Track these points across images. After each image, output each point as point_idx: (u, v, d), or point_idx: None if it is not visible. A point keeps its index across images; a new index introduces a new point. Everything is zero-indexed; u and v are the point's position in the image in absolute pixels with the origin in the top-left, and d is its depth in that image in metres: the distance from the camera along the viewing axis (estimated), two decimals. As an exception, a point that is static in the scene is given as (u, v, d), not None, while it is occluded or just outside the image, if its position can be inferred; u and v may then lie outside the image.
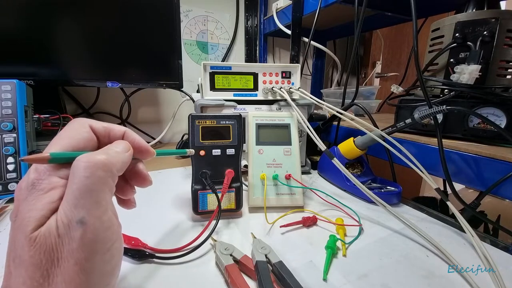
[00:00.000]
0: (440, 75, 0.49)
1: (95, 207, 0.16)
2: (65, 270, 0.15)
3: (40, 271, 0.15)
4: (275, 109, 0.56)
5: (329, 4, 0.64)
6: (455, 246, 0.34)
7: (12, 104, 0.42)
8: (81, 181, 0.16)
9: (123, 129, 0.22)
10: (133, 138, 0.22)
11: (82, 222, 0.16)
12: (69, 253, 0.15)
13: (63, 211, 0.16)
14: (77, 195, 0.16)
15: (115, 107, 0.81)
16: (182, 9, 0.85)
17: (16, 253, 0.15)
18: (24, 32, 0.55)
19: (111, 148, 0.19)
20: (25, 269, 0.15)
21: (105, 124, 0.21)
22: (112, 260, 0.18)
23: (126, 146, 0.20)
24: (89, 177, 0.16)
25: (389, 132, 0.44)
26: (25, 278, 0.15)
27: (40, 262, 0.15)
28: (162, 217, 0.40)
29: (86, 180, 0.16)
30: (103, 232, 0.17)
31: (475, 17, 0.44)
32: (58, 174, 0.17)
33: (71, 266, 0.15)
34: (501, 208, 0.83)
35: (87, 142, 0.20)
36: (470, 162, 0.41)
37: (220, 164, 0.39)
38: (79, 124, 0.20)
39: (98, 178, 0.16)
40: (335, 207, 0.43)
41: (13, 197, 0.43)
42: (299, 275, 0.28)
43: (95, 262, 0.16)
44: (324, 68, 1.11)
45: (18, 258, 0.15)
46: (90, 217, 0.16)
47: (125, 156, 0.20)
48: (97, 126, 0.21)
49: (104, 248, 0.17)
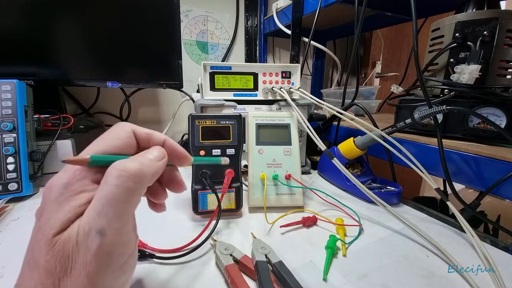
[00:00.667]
0: (440, 75, 0.49)
1: (117, 219, 0.16)
2: (75, 281, 0.15)
3: (52, 278, 0.15)
4: (275, 109, 0.56)
5: (329, 4, 0.64)
6: (455, 246, 0.34)
7: (12, 104, 0.42)
8: (110, 189, 0.16)
9: (163, 136, 0.21)
10: (172, 145, 0.22)
11: (101, 233, 0.15)
12: (82, 264, 0.15)
13: (87, 217, 0.15)
14: (103, 203, 0.15)
15: (115, 107, 0.81)
16: (182, 9, 0.85)
17: (33, 254, 0.15)
18: (24, 32, 0.55)
19: (146, 156, 0.19)
20: (38, 273, 0.15)
21: (147, 130, 0.21)
22: (123, 276, 0.17)
23: (161, 153, 0.20)
24: (118, 186, 0.16)
25: (389, 132, 0.44)
26: (37, 282, 0.15)
27: (54, 269, 0.15)
28: (162, 217, 0.40)
29: (114, 189, 0.16)
30: (119, 246, 0.16)
31: (475, 17, 0.44)
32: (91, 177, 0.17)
33: (81, 278, 0.15)
34: (501, 208, 0.83)
35: (127, 146, 0.19)
36: (470, 162, 0.41)
37: (220, 164, 0.39)
38: (121, 128, 0.20)
39: (126, 189, 0.16)
40: (335, 207, 0.43)
41: (13, 197, 0.43)
42: (299, 275, 0.28)
43: (106, 277, 0.16)
44: (324, 68, 1.11)
45: (33, 261, 0.15)
46: (109, 228, 0.15)
47: (159, 165, 0.19)
48: (139, 132, 0.20)
49: (117, 264, 0.16)
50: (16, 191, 0.43)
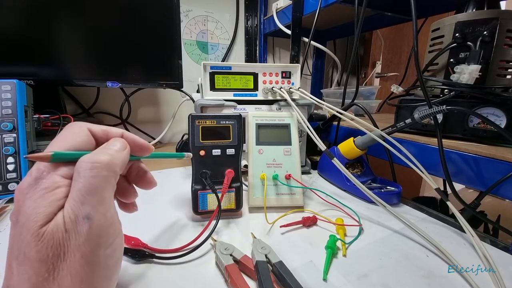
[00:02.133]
0: (440, 75, 0.49)
1: (100, 204, 0.17)
2: (71, 263, 0.16)
3: (46, 265, 0.16)
4: (275, 109, 0.56)
5: (329, 4, 0.64)
6: (455, 246, 0.34)
7: (12, 104, 0.42)
8: (87, 180, 0.17)
9: (120, 131, 0.22)
10: (131, 136, 0.23)
11: (88, 218, 0.17)
12: (75, 247, 0.16)
13: (70, 207, 0.17)
14: (84, 193, 0.17)
15: (115, 107, 0.81)
16: (182, 9, 0.85)
17: (20, 250, 0.16)
18: (24, 32, 0.55)
19: (111, 148, 0.20)
20: (30, 265, 0.16)
21: (103, 127, 0.22)
22: (114, 254, 0.19)
23: (123, 144, 0.21)
24: (94, 177, 0.17)
25: (389, 132, 0.44)
26: (30, 274, 0.15)
27: (46, 257, 0.16)
28: (162, 217, 0.40)
29: (92, 179, 0.17)
30: (107, 228, 0.18)
31: (475, 17, 0.44)
32: (59, 173, 0.18)
33: (77, 259, 0.16)
34: (501, 208, 0.83)
35: (86, 144, 0.20)
36: (470, 162, 0.41)
37: (220, 164, 0.39)
38: (78, 127, 0.20)
39: (102, 178, 0.18)
40: (335, 207, 0.43)
41: (13, 197, 0.43)
42: (299, 275, 0.28)
43: (99, 255, 0.17)
44: (324, 68, 1.11)
45: (22, 255, 0.16)
46: (96, 213, 0.17)
47: (124, 154, 0.20)
48: (96, 129, 0.21)
49: (108, 243, 0.18)
50: (16, 191, 0.43)
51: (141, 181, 0.24)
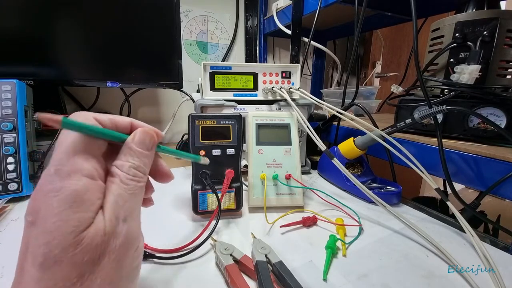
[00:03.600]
0: (440, 75, 0.49)
1: (134, 209, 0.19)
2: (103, 266, 0.16)
3: (78, 270, 0.15)
4: (275, 109, 0.56)
5: (329, 4, 0.64)
6: (455, 246, 0.34)
7: (12, 104, 0.42)
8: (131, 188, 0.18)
9: (128, 119, 0.21)
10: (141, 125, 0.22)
11: (125, 221, 0.18)
12: (112, 249, 0.16)
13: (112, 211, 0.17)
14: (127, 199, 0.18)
15: (115, 107, 0.81)
16: (182, 9, 0.85)
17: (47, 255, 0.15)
18: (24, 32, 0.55)
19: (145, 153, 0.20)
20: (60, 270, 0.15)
21: (110, 116, 0.20)
22: (139, 256, 0.19)
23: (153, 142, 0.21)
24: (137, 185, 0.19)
25: (389, 132, 0.44)
26: (57, 280, 0.15)
27: (81, 262, 0.15)
28: (162, 217, 0.40)
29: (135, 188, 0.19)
30: (136, 231, 0.19)
31: (475, 17, 0.44)
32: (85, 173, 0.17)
33: (111, 261, 0.16)
34: (501, 208, 0.83)
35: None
36: (470, 162, 0.41)
37: (220, 164, 0.39)
38: (83, 117, 0.18)
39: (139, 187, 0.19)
40: (335, 207, 0.43)
41: (13, 197, 0.43)
42: (299, 275, 0.28)
43: (129, 257, 0.18)
44: (324, 68, 1.11)
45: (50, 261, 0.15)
46: (130, 217, 0.18)
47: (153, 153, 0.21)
48: (103, 118, 0.20)
49: (135, 245, 0.18)
50: (16, 191, 0.43)
51: (159, 175, 0.24)
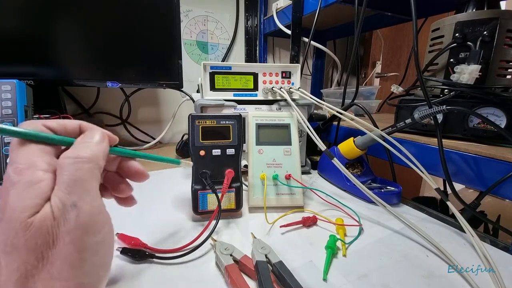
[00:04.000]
0: (440, 75, 0.49)
1: (86, 194, 0.18)
2: (60, 249, 0.17)
3: (35, 253, 0.16)
4: (275, 109, 0.56)
5: (329, 4, 0.64)
6: (455, 246, 0.34)
7: (12, 104, 0.42)
8: (71, 173, 0.18)
9: (77, 122, 0.22)
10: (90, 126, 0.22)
11: (75, 206, 0.17)
12: (64, 233, 0.17)
13: (57, 198, 0.17)
14: (70, 184, 0.18)
15: (115, 107, 0.81)
16: (182, 9, 0.85)
17: (7, 242, 0.16)
18: (24, 32, 0.55)
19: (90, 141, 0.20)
20: (18, 254, 0.16)
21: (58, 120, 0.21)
22: (104, 243, 0.19)
23: (101, 135, 0.21)
24: (78, 170, 0.18)
25: (389, 132, 0.44)
26: (19, 263, 0.16)
27: (35, 245, 0.16)
28: (162, 217, 0.40)
29: (76, 172, 0.18)
30: (94, 216, 0.18)
31: (475, 17, 0.44)
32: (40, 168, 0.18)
33: (66, 244, 0.17)
34: (501, 208, 0.84)
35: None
36: (470, 162, 0.41)
37: (220, 164, 0.39)
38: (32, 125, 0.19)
39: (86, 170, 0.18)
40: (335, 207, 0.43)
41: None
42: (299, 275, 0.28)
43: (88, 242, 0.18)
44: (324, 68, 1.11)
45: (9, 247, 0.16)
46: (82, 202, 0.18)
47: (104, 145, 0.21)
48: (51, 124, 0.21)
49: (96, 230, 0.18)
50: (16, 191, 0.43)
51: (133, 174, 0.24)
